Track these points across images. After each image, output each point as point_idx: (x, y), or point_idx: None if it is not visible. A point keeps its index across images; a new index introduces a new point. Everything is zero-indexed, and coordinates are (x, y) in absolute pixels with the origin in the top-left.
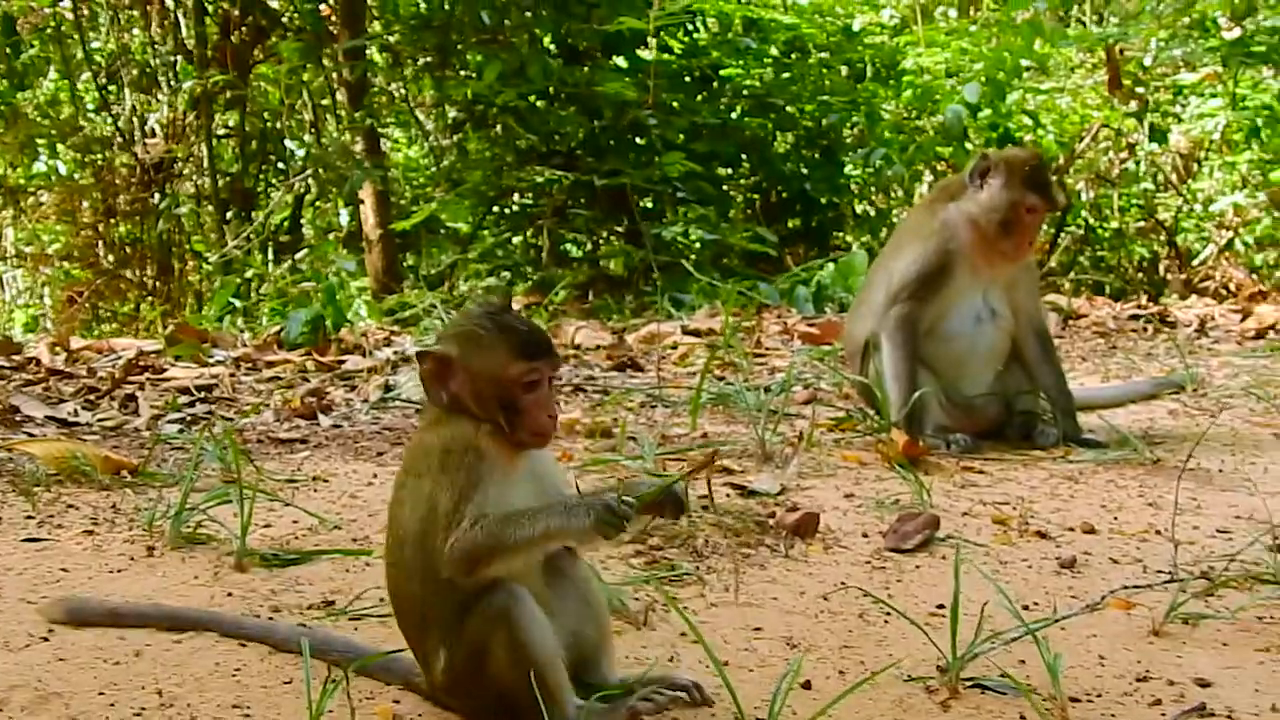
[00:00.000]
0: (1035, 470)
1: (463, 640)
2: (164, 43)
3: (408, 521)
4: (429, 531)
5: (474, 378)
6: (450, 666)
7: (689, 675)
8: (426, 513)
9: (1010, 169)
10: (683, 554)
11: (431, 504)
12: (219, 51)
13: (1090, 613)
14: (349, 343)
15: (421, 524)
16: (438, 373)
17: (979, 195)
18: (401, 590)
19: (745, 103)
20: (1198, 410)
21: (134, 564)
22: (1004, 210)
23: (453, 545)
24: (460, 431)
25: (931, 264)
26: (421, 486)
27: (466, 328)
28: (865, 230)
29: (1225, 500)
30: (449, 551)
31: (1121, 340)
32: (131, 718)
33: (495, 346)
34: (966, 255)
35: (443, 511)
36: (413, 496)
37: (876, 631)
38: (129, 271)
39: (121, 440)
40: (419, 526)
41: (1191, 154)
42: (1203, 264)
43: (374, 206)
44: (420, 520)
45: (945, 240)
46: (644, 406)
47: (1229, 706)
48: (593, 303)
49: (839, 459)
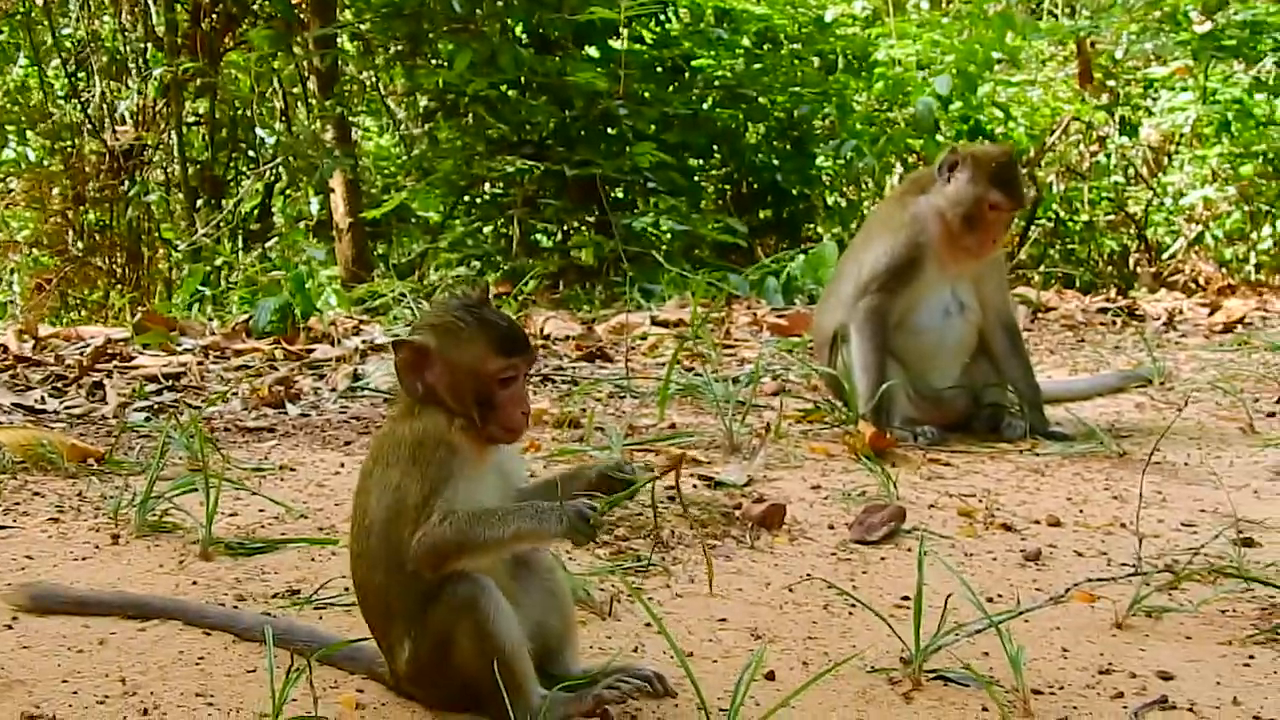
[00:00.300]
0: (1002, 463)
1: (427, 630)
2: (134, 29)
3: (374, 510)
4: (395, 522)
5: (451, 370)
6: (415, 656)
7: (652, 666)
8: (393, 503)
9: (977, 165)
10: (649, 545)
11: (400, 495)
12: (189, 39)
13: (1054, 605)
14: (318, 331)
15: (388, 513)
16: (414, 363)
17: (946, 189)
18: (366, 580)
19: (717, 93)
20: (1165, 404)
21: (99, 552)
22: (968, 206)
23: (420, 539)
24: (433, 424)
25: (901, 256)
26: (390, 476)
27: (445, 319)
28: (836, 222)
29: (1190, 494)
30: (416, 545)
31: (1090, 333)
32: (95, 705)
33: (474, 341)
34: (935, 249)
35: (411, 504)
36: (380, 486)
37: (841, 623)
38: (98, 259)
39: (88, 428)
40: (385, 515)
41: (1162, 147)
42: (1172, 258)
43: (344, 195)
44: (387, 510)
45: (915, 233)
46: (612, 397)
47: (1191, 699)
48: (563, 293)
49: (806, 450)
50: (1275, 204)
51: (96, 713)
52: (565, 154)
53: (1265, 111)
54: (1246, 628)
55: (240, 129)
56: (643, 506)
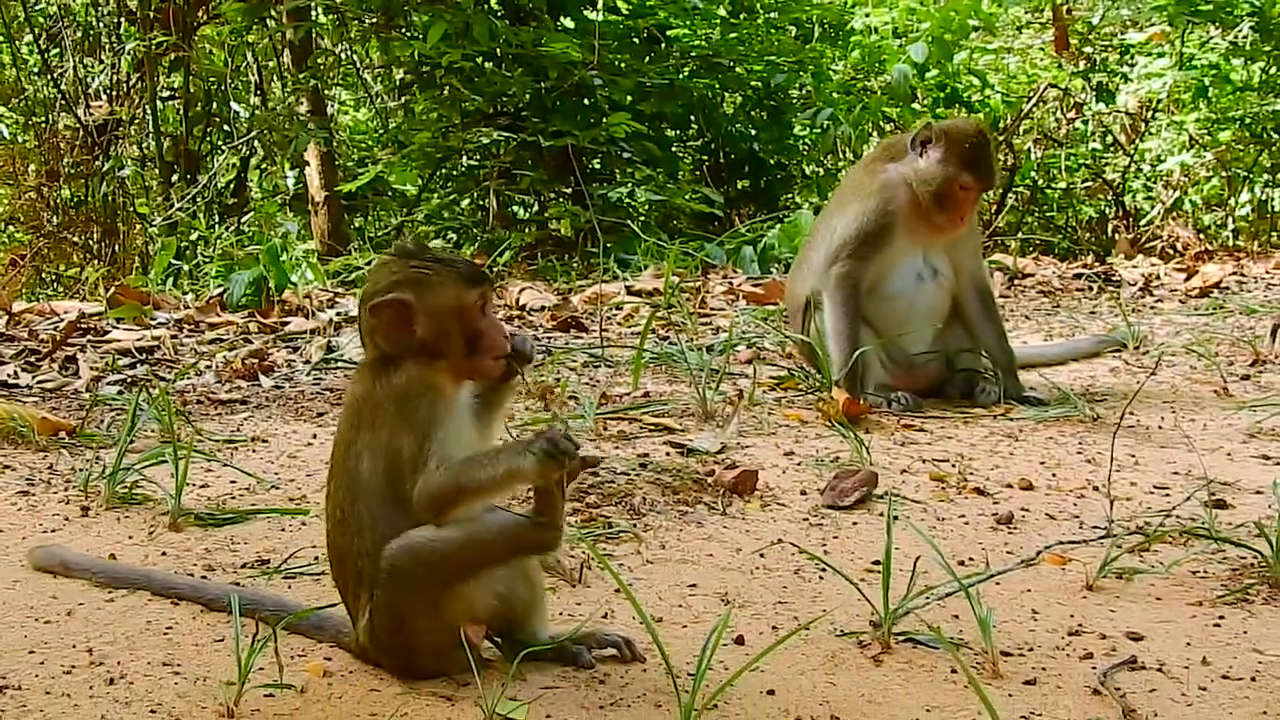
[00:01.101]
0: (975, 428)
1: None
2: (106, 4)
3: (368, 476)
4: (396, 481)
5: (435, 316)
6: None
7: (621, 631)
8: (390, 462)
9: (950, 142)
10: (620, 511)
11: (394, 452)
12: (162, 13)
13: (1025, 568)
14: (292, 305)
15: (387, 476)
16: (399, 319)
17: (917, 163)
18: (347, 546)
19: (692, 63)
20: (1139, 368)
21: (69, 524)
22: (938, 184)
23: (420, 490)
24: (414, 374)
25: (871, 223)
26: (380, 438)
27: (409, 273)
28: (813, 191)
29: (1163, 457)
30: (417, 496)
31: (1066, 299)
32: (61, 676)
33: (446, 281)
34: (904, 217)
35: (407, 456)
36: (371, 449)
37: (811, 588)
38: (73, 234)
39: (61, 402)
40: (384, 480)
41: (1139, 114)
42: (1150, 224)
43: (319, 168)
44: (384, 473)
45: (885, 200)
46: (587, 366)
47: (1160, 660)
48: (539, 264)
49: (780, 417)
50: (1253, 170)
51: (63, 683)
52: (540, 125)
53: (1242, 77)
54: (1217, 589)
55: (215, 103)
56: (614, 474)
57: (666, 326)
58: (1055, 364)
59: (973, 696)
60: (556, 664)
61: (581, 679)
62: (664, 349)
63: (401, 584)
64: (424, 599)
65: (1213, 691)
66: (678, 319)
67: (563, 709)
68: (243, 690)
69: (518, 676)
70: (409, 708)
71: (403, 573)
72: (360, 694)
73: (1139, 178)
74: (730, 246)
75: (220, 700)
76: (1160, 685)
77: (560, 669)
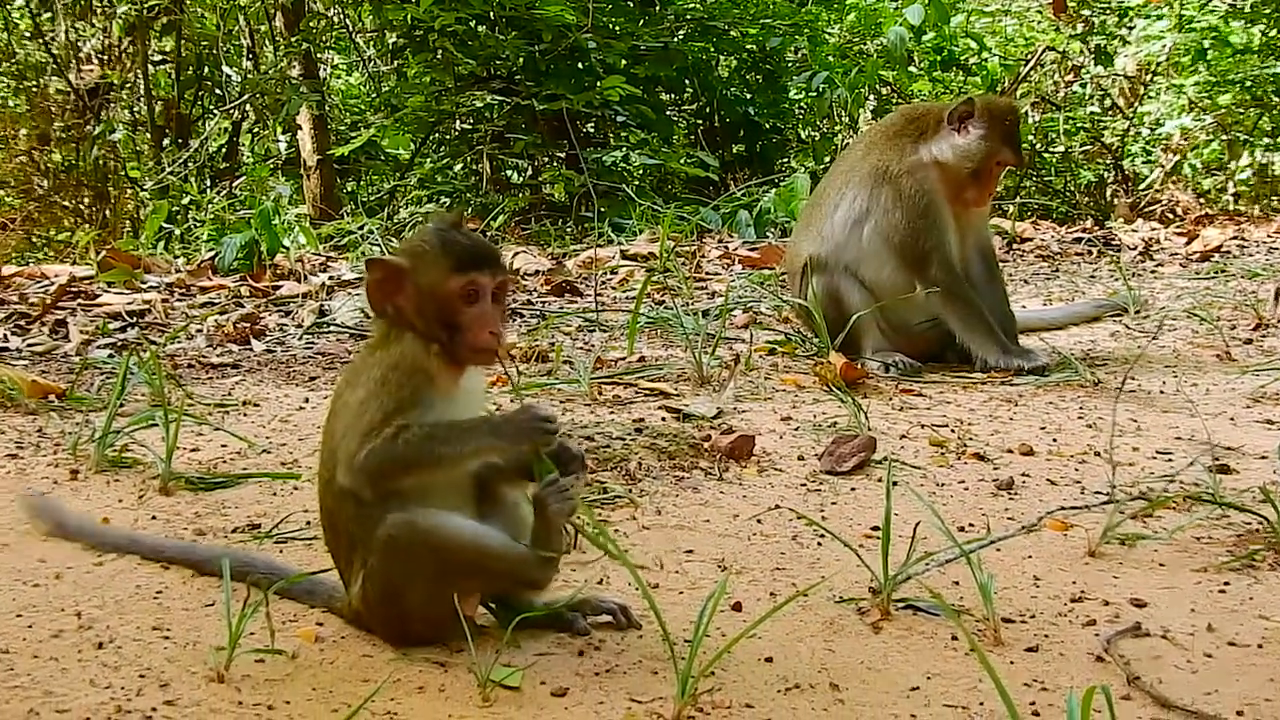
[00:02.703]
0: (975, 393)
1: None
2: None
3: (339, 434)
4: (349, 435)
5: (419, 291)
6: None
7: (616, 598)
8: (353, 421)
9: (992, 119)
10: (615, 477)
11: (360, 413)
12: None
13: (1026, 534)
14: (284, 269)
15: (346, 433)
16: (385, 283)
17: (955, 139)
18: (336, 507)
19: (688, 26)
20: (1140, 333)
21: (57, 487)
22: (979, 159)
23: (366, 454)
24: (410, 350)
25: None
26: (354, 396)
27: (415, 242)
28: (809, 155)
29: (1165, 421)
30: (360, 460)
31: (1065, 264)
32: (49, 640)
33: (435, 259)
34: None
35: (366, 420)
36: (346, 408)
37: (810, 554)
38: (64, 198)
39: (50, 365)
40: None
41: (1138, 77)
42: (1149, 188)
43: (312, 132)
44: (346, 429)
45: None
46: (581, 331)
47: (1164, 626)
48: (533, 228)
49: (777, 382)
50: (1253, 133)
51: (50, 647)
52: (534, 89)
53: (1242, 39)
54: (1221, 554)
55: (206, 67)
56: (609, 439)
57: (662, 291)
58: (1055, 328)
59: (974, 664)
60: (551, 631)
61: (576, 646)
62: (659, 313)
63: (398, 556)
64: (420, 574)
65: (1218, 658)
66: (673, 283)
67: (558, 676)
68: (233, 655)
69: (511, 643)
70: (402, 674)
71: (400, 546)
72: (352, 659)
73: (1138, 141)
74: (725, 211)
75: (210, 665)
76: (1165, 652)
77: (555, 636)
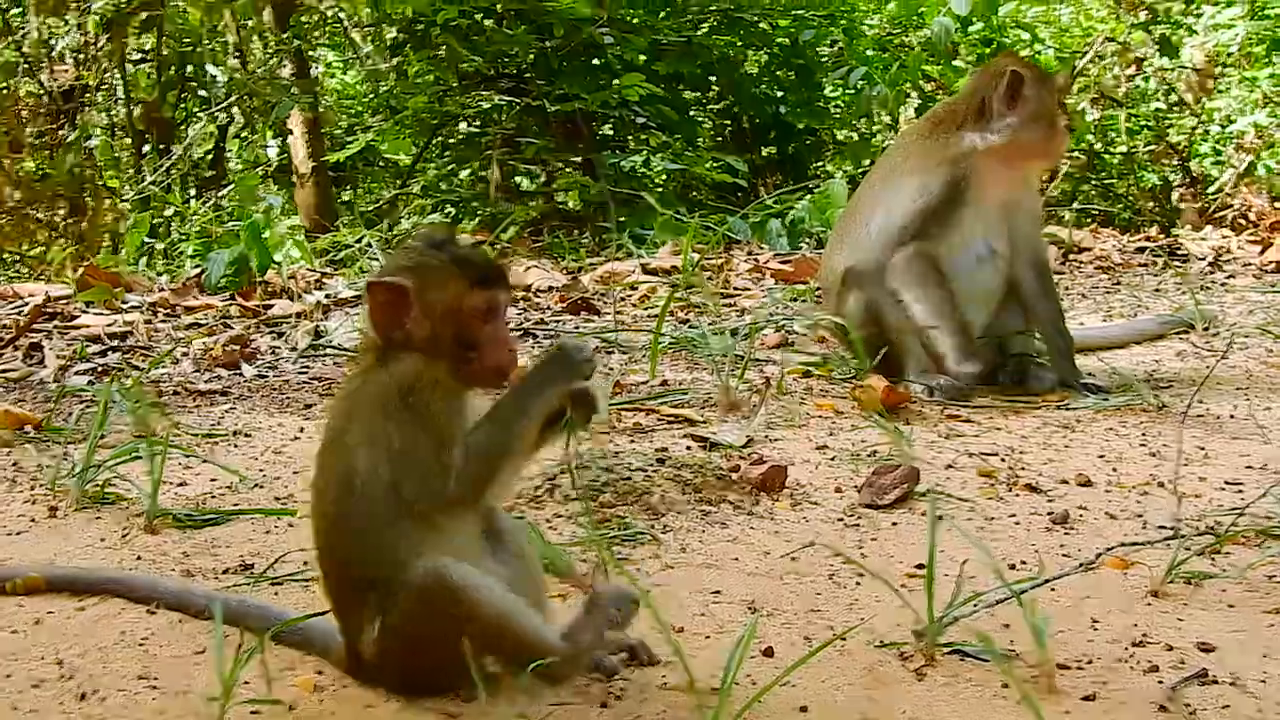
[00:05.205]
0: (1027, 418)
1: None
2: None
3: (366, 472)
4: (408, 478)
5: (429, 311)
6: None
7: (634, 636)
8: (396, 461)
9: (1043, 80)
10: (636, 511)
11: (403, 451)
12: None
13: (1083, 572)
14: (276, 286)
15: (393, 469)
16: (392, 305)
17: (1018, 112)
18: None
19: (712, 18)
20: (1208, 351)
21: (35, 525)
22: (1048, 120)
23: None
24: (416, 368)
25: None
26: (383, 431)
27: (417, 258)
28: (846, 158)
29: (1236, 449)
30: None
31: (1127, 275)
32: (29, 690)
33: (450, 277)
34: (975, 188)
35: (426, 454)
36: (370, 443)
37: (847, 594)
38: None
39: (25, 393)
40: (386, 478)
41: (1207, 70)
42: (1219, 191)
43: (304, 137)
44: (390, 466)
45: (957, 172)
46: (598, 352)
47: (1233, 672)
48: (546, 240)
49: (811, 408)
50: None
51: (30, 697)
52: (546, 88)
53: None
54: None
55: (190, 66)
56: (630, 471)
57: (686, 308)
58: (1116, 347)
59: (1026, 713)
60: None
61: (596, 695)
62: (683, 333)
63: (427, 609)
64: (449, 629)
65: None
66: (698, 300)
67: None
68: (227, 706)
69: (527, 691)
70: None
71: (430, 598)
72: (354, 711)
73: (1207, 140)
74: (755, 220)
75: (202, 716)
76: (1234, 701)
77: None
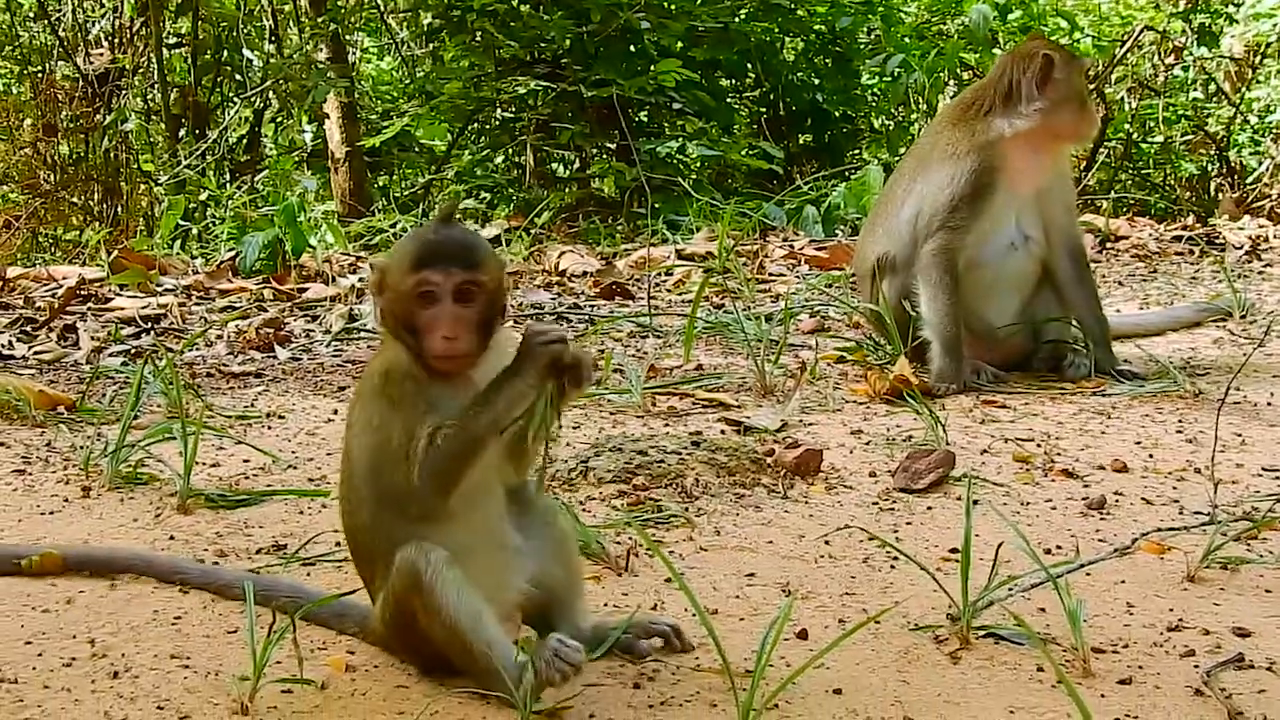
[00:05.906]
0: (1064, 404)
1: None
2: None
3: (356, 451)
4: (384, 464)
5: (386, 293)
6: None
7: (670, 620)
8: (376, 443)
9: (1071, 60)
10: (670, 494)
11: (382, 435)
12: None
13: (1119, 557)
14: (310, 270)
15: (371, 454)
16: (375, 288)
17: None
18: (352, 525)
19: (750, 5)
20: (1245, 339)
21: (68, 505)
22: (1080, 98)
23: (419, 474)
24: (391, 354)
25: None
26: (367, 413)
27: (402, 241)
28: (882, 146)
29: (1273, 436)
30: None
31: (1164, 264)
32: (60, 669)
33: (398, 256)
34: (1007, 175)
35: (397, 445)
36: (360, 424)
37: (882, 578)
38: (72, 194)
39: (59, 374)
40: (369, 457)
41: (1246, 59)
42: (1258, 181)
43: (340, 122)
44: (370, 450)
45: (986, 159)
46: (633, 336)
47: (1270, 658)
48: (581, 226)
49: (846, 393)
50: None
51: (62, 676)
52: (582, 74)
53: None
54: None
55: (226, 50)
56: (664, 454)
57: (721, 294)
58: (1152, 334)
59: (1061, 697)
60: (600, 659)
61: (629, 676)
62: (718, 318)
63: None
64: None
65: None
66: (733, 285)
67: (608, 709)
68: (258, 685)
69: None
70: (439, 706)
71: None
72: (386, 690)
73: (1246, 130)
74: (791, 206)
75: (234, 696)
76: (1270, 686)
77: (605, 663)
